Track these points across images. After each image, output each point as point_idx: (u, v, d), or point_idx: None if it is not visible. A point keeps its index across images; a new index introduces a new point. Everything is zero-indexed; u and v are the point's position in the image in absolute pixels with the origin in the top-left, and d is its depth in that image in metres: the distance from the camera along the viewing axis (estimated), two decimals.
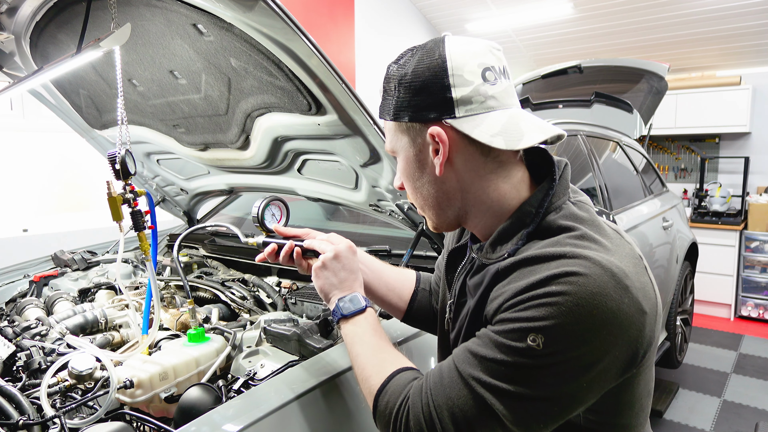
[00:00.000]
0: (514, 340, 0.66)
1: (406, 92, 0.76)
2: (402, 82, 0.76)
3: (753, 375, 3.55)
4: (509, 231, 0.78)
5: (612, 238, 0.74)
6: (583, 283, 0.65)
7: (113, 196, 1.25)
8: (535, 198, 0.78)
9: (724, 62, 5.00)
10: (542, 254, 0.70)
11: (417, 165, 0.80)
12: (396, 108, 0.78)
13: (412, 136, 0.79)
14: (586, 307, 0.64)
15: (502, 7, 4.84)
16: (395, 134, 0.82)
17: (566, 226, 0.74)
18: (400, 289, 1.12)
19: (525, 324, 0.66)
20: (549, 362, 0.65)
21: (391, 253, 1.76)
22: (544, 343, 0.64)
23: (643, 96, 3.58)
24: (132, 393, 1.15)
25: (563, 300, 0.64)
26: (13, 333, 1.43)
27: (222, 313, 1.70)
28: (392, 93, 0.78)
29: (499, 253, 0.78)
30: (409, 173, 0.82)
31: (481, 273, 0.81)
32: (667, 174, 5.47)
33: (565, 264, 0.67)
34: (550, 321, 0.64)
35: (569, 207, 0.77)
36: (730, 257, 4.68)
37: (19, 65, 1.77)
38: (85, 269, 2.13)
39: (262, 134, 1.67)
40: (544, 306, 0.65)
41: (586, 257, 0.67)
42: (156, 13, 1.31)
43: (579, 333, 0.64)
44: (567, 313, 0.64)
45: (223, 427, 0.94)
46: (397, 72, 0.78)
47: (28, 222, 3.23)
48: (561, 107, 3.64)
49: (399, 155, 0.83)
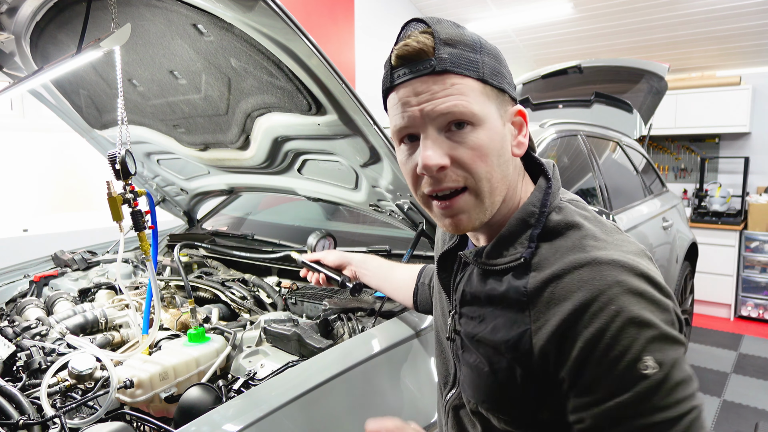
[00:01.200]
0: (632, 380, 0.61)
1: (492, 58, 0.70)
2: (484, 46, 0.70)
3: (753, 375, 3.55)
4: (514, 233, 0.74)
5: (615, 232, 0.73)
6: (630, 289, 0.63)
7: (113, 196, 1.25)
8: (536, 197, 0.75)
9: (724, 62, 5.00)
10: (573, 264, 0.67)
11: (503, 139, 0.71)
12: (490, 70, 0.70)
13: (498, 106, 0.71)
14: (646, 310, 0.62)
15: (502, 7, 4.84)
16: (481, 98, 0.69)
17: (574, 223, 0.72)
18: (406, 288, 1.22)
19: (626, 357, 0.61)
20: (668, 371, 0.62)
21: (391, 253, 1.77)
22: (656, 362, 0.61)
23: (643, 96, 3.58)
24: (132, 393, 1.16)
25: (630, 315, 0.62)
26: (13, 333, 1.43)
27: (222, 313, 1.70)
28: (475, 52, 0.69)
29: (507, 258, 0.73)
30: (492, 149, 0.70)
31: (485, 281, 0.76)
32: (667, 174, 5.47)
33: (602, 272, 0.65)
34: (635, 339, 0.61)
35: (567, 205, 0.76)
36: (730, 257, 4.68)
37: (19, 65, 1.77)
38: (85, 269, 2.13)
39: (262, 134, 1.67)
40: (623, 330, 0.61)
41: (614, 260, 0.65)
42: (156, 13, 1.31)
43: (664, 333, 0.62)
44: (640, 324, 0.61)
45: (223, 427, 0.94)
46: (472, 34, 0.70)
47: (28, 222, 3.23)
48: (561, 107, 3.64)
49: (483, 123, 0.69)
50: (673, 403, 0.61)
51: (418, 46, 0.67)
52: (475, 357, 0.79)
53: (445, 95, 0.67)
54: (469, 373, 0.82)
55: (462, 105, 0.67)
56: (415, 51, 0.67)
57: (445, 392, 0.93)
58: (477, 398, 0.81)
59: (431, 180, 0.70)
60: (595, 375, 0.63)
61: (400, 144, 0.74)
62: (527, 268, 0.71)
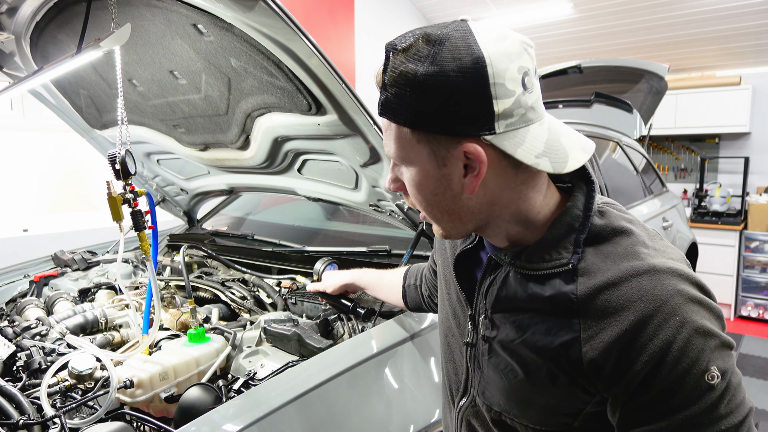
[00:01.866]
0: (701, 391, 0.61)
1: (431, 97, 0.62)
2: (424, 84, 0.62)
3: (753, 375, 3.55)
4: (558, 237, 0.70)
5: (658, 237, 0.72)
6: (690, 299, 0.63)
7: (113, 196, 1.25)
8: (579, 201, 0.72)
9: (724, 62, 5.00)
10: (629, 272, 0.65)
11: (438, 180, 0.68)
12: (416, 114, 0.64)
13: (433, 148, 0.66)
14: (706, 318, 0.63)
15: (502, 7, 4.84)
16: (409, 143, 0.67)
17: (621, 229, 0.70)
18: (396, 291, 1.27)
19: (695, 368, 0.61)
20: (729, 378, 0.63)
21: (391, 253, 1.77)
22: (720, 371, 0.62)
23: (643, 96, 3.58)
24: (132, 393, 1.15)
25: (694, 325, 0.62)
26: (13, 333, 1.43)
27: (222, 313, 1.70)
28: (408, 94, 0.63)
29: (551, 263, 0.70)
30: (425, 187, 0.70)
31: (526, 286, 0.73)
32: (667, 174, 5.47)
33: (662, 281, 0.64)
34: (702, 350, 0.61)
35: (609, 209, 0.74)
36: (730, 257, 4.68)
37: (19, 65, 1.77)
38: (85, 269, 2.13)
39: (262, 134, 1.67)
40: (690, 341, 0.61)
41: (671, 269, 0.65)
42: (156, 13, 1.31)
43: (723, 340, 0.63)
44: (705, 333, 0.62)
45: (223, 427, 0.94)
46: (413, 68, 0.62)
47: (28, 222, 3.23)
48: (561, 107, 3.63)
49: (411, 166, 0.69)
50: (735, 409, 0.62)
51: (377, 80, 0.69)
52: (506, 363, 0.76)
53: (384, 138, 0.72)
54: (496, 379, 0.79)
55: (390, 151, 0.71)
56: (377, 83, 0.69)
57: (457, 398, 0.90)
58: (504, 406, 0.78)
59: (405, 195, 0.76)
60: (663, 388, 0.62)
61: None
62: (574, 273, 0.69)
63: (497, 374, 0.78)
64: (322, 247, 1.96)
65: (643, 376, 0.62)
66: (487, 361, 0.80)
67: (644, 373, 0.62)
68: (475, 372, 0.84)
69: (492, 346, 0.78)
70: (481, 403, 0.83)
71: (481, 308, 0.80)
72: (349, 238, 2.20)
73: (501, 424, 0.81)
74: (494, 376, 0.79)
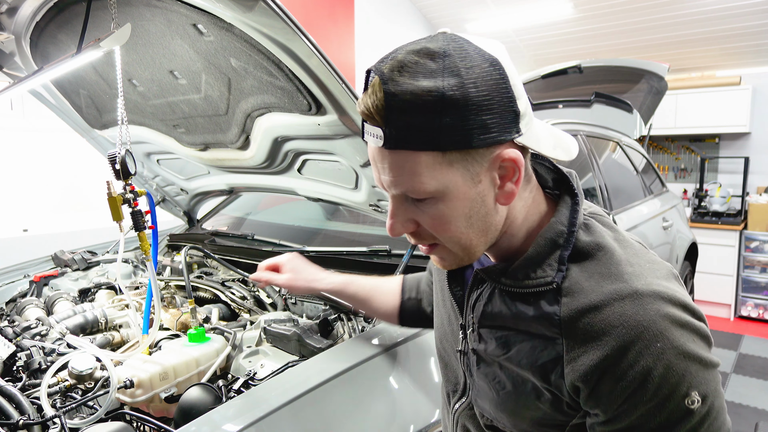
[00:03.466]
0: (680, 416, 0.61)
1: (461, 110, 0.58)
2: (451, 98, 0.57)
3: (753, 375, 3.55)
4: (542, 254, 0.68)
5: (644, 252, 0.71)
6: (673, 321, 0.61)
7: (113, 196, 1.25)
8: (563, 215, 0.70)
9: (724, 62, 5.00)
10: (612, 295, 0.63)
11: (473, 201, 0.64)
12: (447, 133, 0.58)
13: (467, 167, 0.62)
14: (689, 341, 0.62)
15: (502, 7, 4.84)
16: (440, 169, 0.61)
17: (605, 246, 0.68)
18: (387, 305, 1.15)
19: (675, 394, 0.60)
20: (711, 402, 0.62)
21: (391, 253, 1.77)
22: (701, 395, 0.61)
23: (643, 96, 3.58)
24: (132, 393, 1.15)
25: (676, 351, 0.60)
26: (13, 333, 1.43)
27: (222, 313, 1.70)
28: (433, 114, 0.58)
29: (535, 282, 0.68)
30: (459, 214, 0.64)
31: (510, 304, 0.72)
32: (667, 174, 5.47)
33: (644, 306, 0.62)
34: (683, 376, 0.60)
35: (594, 224, 0.71)
36: (730, 257, 4.68)
37: (19, 65, 1.77)
38: (85, 269, 2.13)
39: (262, 134, 1.67)
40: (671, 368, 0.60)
41: (654, 292, 0.63)
42: (156, 13, 1.31)
43: (706, 362, 0.62)
44: (686, 358, 0.61)
45: (223, 427, 0.94)
46: (432, 84, 0.57)
47: (28, 222, 3.23)
48: (561, 107, 3.63)
49: (444, 195, 0.63)
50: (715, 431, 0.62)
51: (371, 109, 0.60)
52: (494, 375, 0.76)
53: (397, 175, 0.62)
54: (486, 389, 0.79)
55: (414, 188, 0.62)
56: (369, 113, 0.60)
57: (453, 401, 0.90)
58: (494, 414, 0.79)
59: (407, 235, 0.70)
60: (642, 413, 0.61)
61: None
62: (558, 293, 0.67)
63: (486, 384, 0.79)
64: (322, 247, 1.96)
65: (622, 401, 0.62)
66: (477, 370, 0.80)
67: (623, 398, 0.61)
68: (470, 378, 0.84)
69: (481, 357, 0.78)
70: (477, 408, 0.84)
71: (470, 320, 0.79)
72: (349, 238, 2.20)
73: (493, 429, 0.81)
74: (484, 385, 0.79)
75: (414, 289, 1.13)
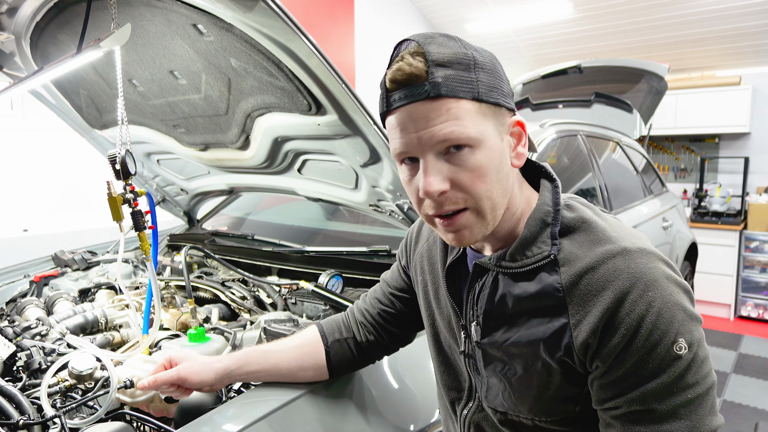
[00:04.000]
0: (669, 361, 0.66)
1: (488, 74, 0.69)
2: (480, 62, 0.69)
3: (753, 375, 3.55)
4: (534, 233, 0.76)
5: (619, 223, 0.78)
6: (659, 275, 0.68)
7: (113, 196, 1.25)
8: (546, 197, 0.78)
9: (724, 62, 5.00)
10: (604, 255, 0.70)
11: (501, 154, 0.72)
12: (485, 87, 0.69)
13: (495, 122, 0.71)
14: (675, 293, 0.68)
15: (502, 7, 4.84)
16: (477, 118, 0.69)
17: (589, 218, 0.76)
18: (309, 361, 1.04)
19: (664, 340, 0.66)
20: (696, 350, 0.67)
21: (391, 253, 1.76)
22: (687, 342, 0.66)
23: (643, 96, 3.58)
24: (132, 393, 1.15)
25: (664, 299, 0.67)
26: (13, 333, 1.43)
27: (222, 313, 1.70)
28: (471, 70, 0.68)
29: (532, 259, 0.74)
30: (494, 164, 0.71)
31: (513, 285, 0.76)
32: (667, 174, 5.47)
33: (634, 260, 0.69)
34: (671, 323, 0.66)
35: (575, 203, 0.79)
36: (730, 257, 4.68)
37: (20, 65, 1.77)
38: (86, 269, 2.13)
39: (262, 134, 1.67)
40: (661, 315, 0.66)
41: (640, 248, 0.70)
42: (156, 14, 1.31)
43: (690, 313, 0.68)
44: (673, 307, 0.67)
45: (223, 427, 0.94)
46: (465, 51, 0.69)
47: (28, 222, 3.22)
48: (561, 107, 3.64)
49: (480, 144, 0.69)
50: (701, 379, 0.67)
51: (411, 70, 0.67)
52: (503, 365, 0.79)
53: (441, 122, 0.67)
54: (495, 382, 0.81)
55: (458, 131, 0.67)
56: (409, 75, 0.67)
57: (459, 407, 0.91)
58: (508, 405, 0.80)
59: (433, 203, 0.71)
60: (637, 359, 0.67)
61: (401, 164, 0.74)
62: (556, 264, 0.73)
63: (496, 377, 0.80)
64: (322, 247, 1.96)
65: (620, 349, 0.67)
66: (484, 366, 0.82)
67: (621, 346, 0.67)
68: (476, 378, 0.85)
69: (486, 350, 0.81)
70: (487, 406, 0.84)
71: (471, 315, 0.82)
72: (349, 238, 2.20)
73: (509, 423, 0.82)
74: (493, 378, 0.81)
75: (338, 329, 1.07)
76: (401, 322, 1.06)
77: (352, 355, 1.06)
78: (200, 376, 0.97)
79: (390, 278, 1.09)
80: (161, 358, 1.03)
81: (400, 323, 1.07)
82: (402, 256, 1.07)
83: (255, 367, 1.01)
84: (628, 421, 0.68)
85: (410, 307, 1.05)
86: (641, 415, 0.67)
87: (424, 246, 1.00)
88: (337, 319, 1.11)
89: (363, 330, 1.07)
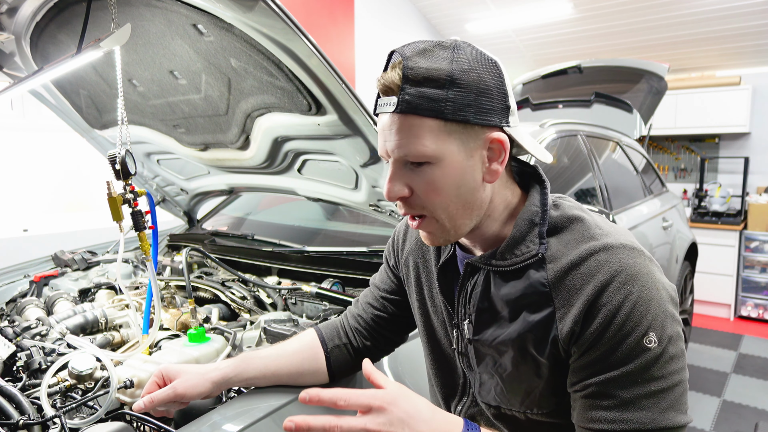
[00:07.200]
0: (637, 352, 0.69)
1: (466, 91, 0.70)
2: (459, 79, 0.69)
3: (753, 375, 3.55)
4: (523, 233, 0.79)
5: (605, 221, 0.81)
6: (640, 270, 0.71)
7: (113, 196, 1.25)
8: (535, 198, 0.81)
9: (724, 62, 5.00)
10: (588, 251, 0.74)
11: (463, 171, 0.74)
12: (455, 106, 0.70)
13: (463, 140, 0.72)
14: (653, 289, 0.71)
15: (502, 7, 4.84)
16: (439, 136, 0.71)
17: (575, 217, 0.79)
18: (309, 366, 1.04)
19: (635, 332, 0.69)
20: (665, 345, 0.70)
21: None
22: (657, 337, 0.69)
23: (643, 96, 3.58)
24: (132, 393, 1.15)
25: (641, 293, 0.70)
26: (13, 333, 1.43)
27: (222, 313, 1.70)
28: (441, 89, 0.69)
29: (521, 257, 0.78)
30: (450, 182, 0.73)
31: (503, 283, 0.79)
32: (667, 174, 5.47)
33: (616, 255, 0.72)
34: (644, 316, 0.69)
35: (561, 202, 0.83)
36: (729, 257, 4.68)
37: (20, 65, 1.77)
38: (86, 269, 2.13)
39: (262, 134, 1.67)
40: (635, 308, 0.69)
41: (623, 244, 0.74)
42: (156, 14, 1.31)
43: (665, 310, 0.71)
44: (650, 302, 0.70)
45: (223, 427, 0.94)
46: (442, 66, 0.69)
47: (28, 222, 3.23)
48: (561, 107, 3.64)
49: (438, 161, 0.72)
50: (668, 375, 0.70)
51: (388, 84, 0.72)
52: (494, 361, 0.82)
53: (403, 137, 0.72)
54: (487, 377, 0.84)
55: (415, 150, 0.72)
56: (386, 87, 0.72)
57: (453, 403, 0.93)
58: (500, 400, 0.83)
59: (401, 204, 0.78)
60: (608, 347, 0.70)
61: (387, 161, 0.79)
62: (543, 261, 0.77)
63: (487, 373, 0.84)
64: (322, 247, 1.96)
65: (595, 337, 0.71)
66: (476, 362, 0.85)
67: (597, 333, 0.71)
68: (469, 374, 0.87)
69: (478, 347, 0.84)
70: (480, 401, 0.87)
71: (464, 313, 0.85)
72: (349, 238, 2.20)
73: (502, 417, 0.85)
74: (485, 374, 0.84)
75: (337, 335, 1.07)
76: (394, 325, 1.08)
77: (351, 359, 1.07)
78: (197, 389, 0.95)
79: (380, 281, 1.10)
80: (153, 375, 1.01)
81: (393, 327, 1.09)
82: (390, 257, 1.08)
83: (254, 373, 1.00)
84: (591, 403, 0.72)
85: (402, 310, 1.06)
86: (604, 399, 0.70)
87: (414, 244, 1.01)
88: (335, 324, 1.11)
89: (359, 336, 1.08)
